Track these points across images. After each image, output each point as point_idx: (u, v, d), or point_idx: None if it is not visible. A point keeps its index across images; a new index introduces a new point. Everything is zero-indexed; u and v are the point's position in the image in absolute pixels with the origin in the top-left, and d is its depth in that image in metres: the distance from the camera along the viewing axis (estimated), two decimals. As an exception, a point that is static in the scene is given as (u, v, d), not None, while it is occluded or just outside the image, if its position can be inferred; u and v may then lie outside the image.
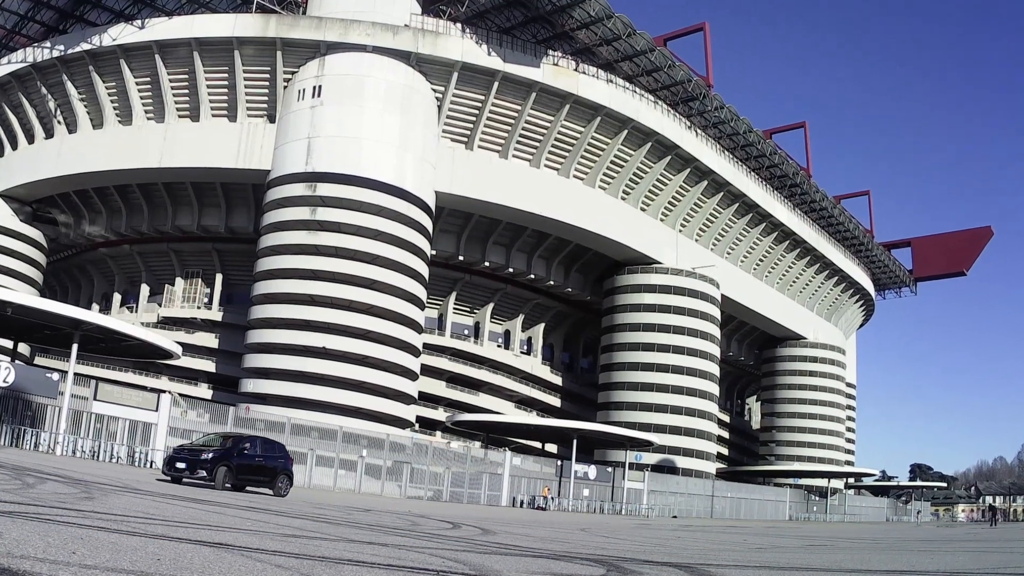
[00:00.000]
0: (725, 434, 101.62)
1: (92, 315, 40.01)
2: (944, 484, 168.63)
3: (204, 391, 70.02)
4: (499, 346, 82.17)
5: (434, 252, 68.79)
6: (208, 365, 71.51)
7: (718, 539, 18.41)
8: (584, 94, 69.57)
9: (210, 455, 25.60)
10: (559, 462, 59.61)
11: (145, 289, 77.26)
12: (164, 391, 45.76)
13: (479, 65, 65.96)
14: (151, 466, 36.69)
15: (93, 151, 68.71)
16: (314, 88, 64.08)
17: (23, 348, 59.22)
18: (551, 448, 72.74)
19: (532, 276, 78.70)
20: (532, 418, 76.00)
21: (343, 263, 61.24)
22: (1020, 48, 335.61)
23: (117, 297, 79.23)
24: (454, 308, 79.04)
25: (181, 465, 25.38)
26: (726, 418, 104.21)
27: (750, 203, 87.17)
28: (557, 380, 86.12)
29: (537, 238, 76.32)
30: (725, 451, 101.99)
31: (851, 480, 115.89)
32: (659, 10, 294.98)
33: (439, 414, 73.54)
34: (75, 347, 36.05)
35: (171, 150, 66.53)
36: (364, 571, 5.94)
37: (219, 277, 74.51)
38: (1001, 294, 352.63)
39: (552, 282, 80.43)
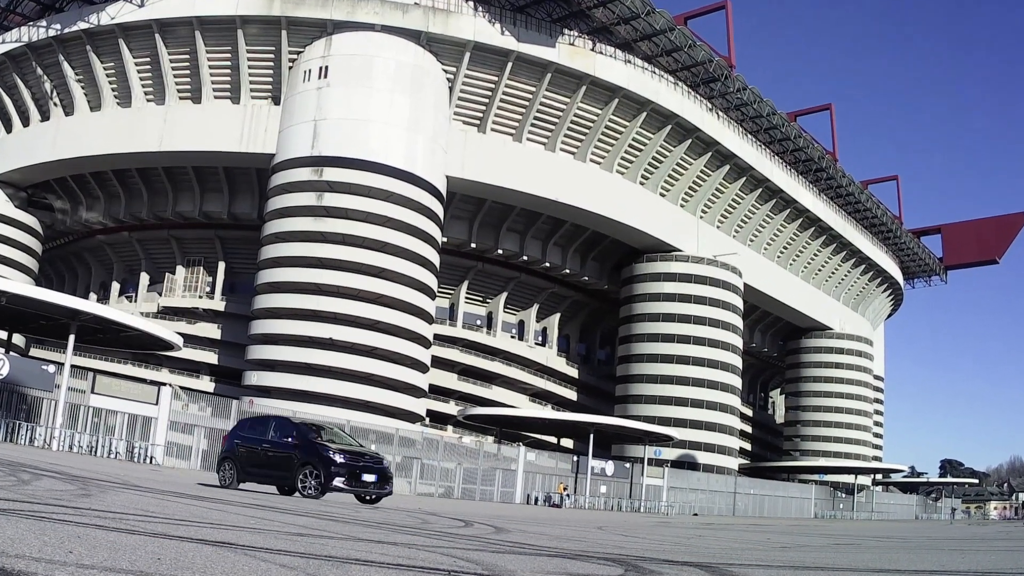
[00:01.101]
0: (748, 428, 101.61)
1: (90, 305, 40.13)
2: (975, 480, 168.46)
3: (206, 384, 70.18)
4: (513, 337, 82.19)
5: (445, 239, 68.81)
6: (210, 357, 71.69)
7: (741, 538, 18.38)
8: (601, 75, 69.42)
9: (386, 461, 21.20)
10: (575, 458, 59.62)
11: (145, 278, 77.50)
12: (164, 384, 45.97)
13: (492, 45, 65.86)
14: (151, 461, 36.80)
15: (91, 134, 68.84)
16: (320, 69, 64.08)
17: (18, 339, 59.54)
18: (567, 443, 72.79)
19: (547, 264, 78.69)
20: (547, 412, 76.07)
21: (351, 251, 61.32)
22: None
23: (115, 286, 79.49)
24: (466, 297, 79.09)
25: (370, 478, 19.96)
26: (749, 412, 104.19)
27: (774, 188, 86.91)
28: (573, 372, 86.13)
29: (552, 224, 76.26)
30: (748, 446, 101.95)
31: (879, 476, 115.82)
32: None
33: (450, 408, 73.66)
34: (72, 338, 36.13)
35: (172, 133, 66.62)
36: (372, 571, 5.92)
37: (222, 265, 74.68)
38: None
39: (568, 270, 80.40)
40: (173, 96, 67.53)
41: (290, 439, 20.76)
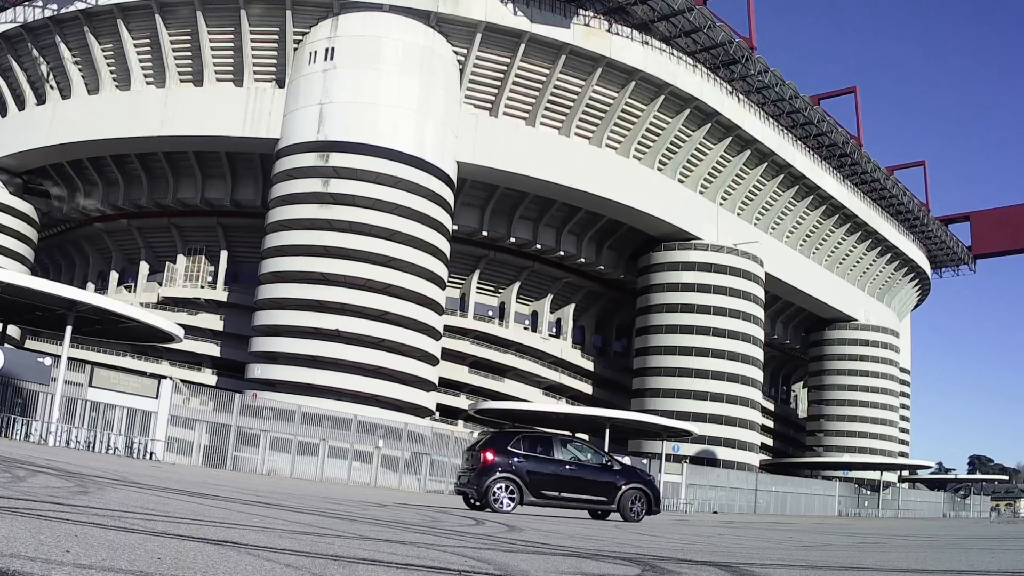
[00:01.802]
0: (769, 423, 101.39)
1: (87, 295, 40.20)
2: (1005, 477, 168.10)
3: (208, 377, 70.30)
4: (526, 328, 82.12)
5: (456, 227, 68.76)
6: (212, 349, 71.78)
7: (762, 536, 18.36)
8: (617, 57, 69.19)
9: None
10: (590, 453, 59.52)
11: (144, 267, 77.56)
12: (165, 377, 45.96)
13: (504, 25, 65.65)
14: (151, 457, 36.89)
15: (88, 118, 68.84)
16: (326, 50, 63.97)
17: (13, 331, 59.64)
18: (582, 438, 72.75)
19: (561, 253, 78.57)
20: (561, 406, 75.96)
21: (358, 239, 61.27)
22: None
23: (114, 275, 79.51)
24: (477, 287, 79.03)
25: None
26: (771, 406, 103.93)
27: (796, 174, 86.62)
28: (588, 365, 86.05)
29: (567, 212, 76.11)
30: (769, 441, 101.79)
31: (905, 473, 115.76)
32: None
33: (461, 401, 73.69)
34: (69, 329, 36.14)
35: (172, 117, 66.62)
36: (380, 570, 5.91)
37: (224, 254, 74.70)
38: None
39: (583, 259, 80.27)
40: (174, 79, 67.52)
41: (606, 462, 21.74)
